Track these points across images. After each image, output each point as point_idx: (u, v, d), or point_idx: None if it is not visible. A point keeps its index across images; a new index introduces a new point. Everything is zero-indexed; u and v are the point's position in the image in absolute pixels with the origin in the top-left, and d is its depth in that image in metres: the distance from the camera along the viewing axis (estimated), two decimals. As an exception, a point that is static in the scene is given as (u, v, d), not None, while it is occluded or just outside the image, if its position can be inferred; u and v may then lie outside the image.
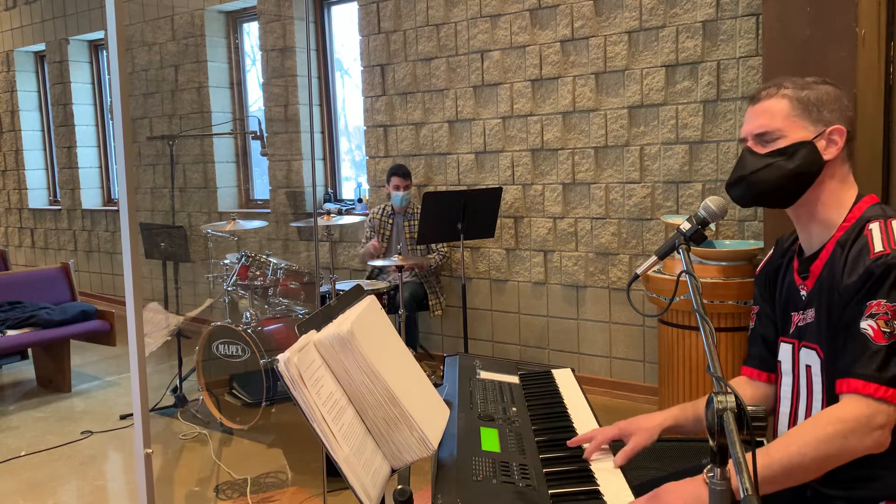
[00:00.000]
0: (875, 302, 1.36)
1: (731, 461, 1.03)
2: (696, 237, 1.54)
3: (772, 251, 1.72)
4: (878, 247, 1.39)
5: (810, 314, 1.51)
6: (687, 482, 1.32)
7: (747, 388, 1.72)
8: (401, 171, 4.66)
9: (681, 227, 1.54)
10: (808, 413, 1.52)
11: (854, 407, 1.34)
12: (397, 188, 4.64)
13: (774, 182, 1.51)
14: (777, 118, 1.50)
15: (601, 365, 4.41)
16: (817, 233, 1.53)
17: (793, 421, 1.57)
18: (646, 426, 1.59)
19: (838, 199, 1.51)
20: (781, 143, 1.50)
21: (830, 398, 1.45)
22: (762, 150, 1.52)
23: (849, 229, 1.47)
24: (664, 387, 3.52)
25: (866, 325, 1.36)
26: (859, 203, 1.51)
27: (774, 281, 1.66)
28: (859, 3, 2.80)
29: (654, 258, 1.57)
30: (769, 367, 1.68)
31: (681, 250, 1.50)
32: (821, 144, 1.49)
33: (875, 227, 1.42)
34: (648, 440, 1.56)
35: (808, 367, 1.52)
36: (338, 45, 5.82)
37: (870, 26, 2.85)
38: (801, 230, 1.58)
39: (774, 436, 1.64)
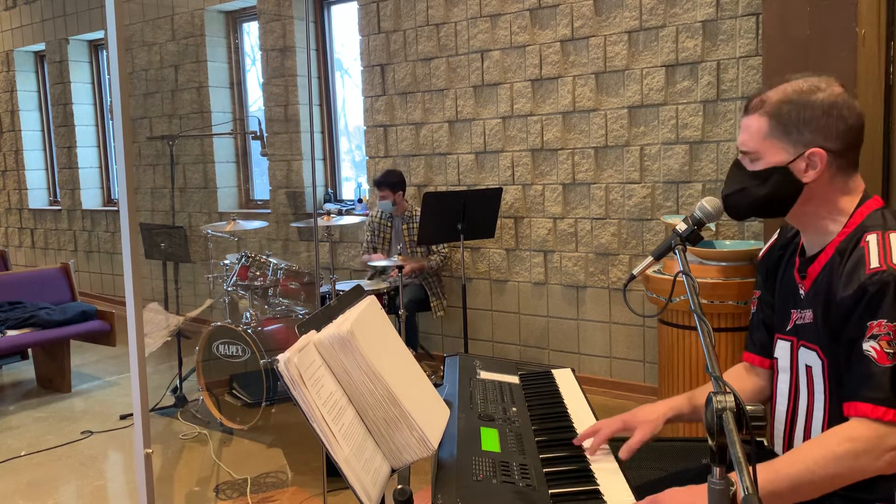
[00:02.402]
0: (876, 322, 1.33)
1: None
2: (692, 238, 1.54)
3: (775, 237, 1.69)
4: (873, 262, 1.35)
5: (808, 315, 1.50)
6: (690, 489, 1.31)
7: (748, 377, 1.71)
8: (376, 182, 4.67)
9: (677, 227, 1.54)
10: (809, 412, 1.51)
11: (864, 430, 1.33)
12: (380, 198, 4.66)
13: (750, 206, 1.51)
14: (755, 138, 1.47)
15: (601, 365, 4.41)
16: (815, 238, 1.51)
17: (790, 419, 1.57)
18: (649, 418, 1.59)
19: (835, 208, 1.47)
20: (759, 166, 1.47)
21: (833, 400, 1.45)
22: (747, 166, 1.50)
23: (848, 236, 1.44)
24: (664, 387, 3.52)
25: (869, 346, 1.34)
26: (861, 208, 1.46)
27: (776, 271, 1.64)
28: (859, 3, 2.80)
29: (650, 259, 1.57)
30: (770, 354, 1.66)
31: (677, 251, 1.50)
32: (799, 167, 1.44)
33: (872, 240, 1.38)
34: (652, 432, 1.57)
35: (809, 368, 1.50)
36: (338, 45, 5.82)
37: (870, 26, 2.85)
38: (801, 232, 1.57)
39: (770, 432, 1.64)
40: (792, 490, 1.31)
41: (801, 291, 1.53)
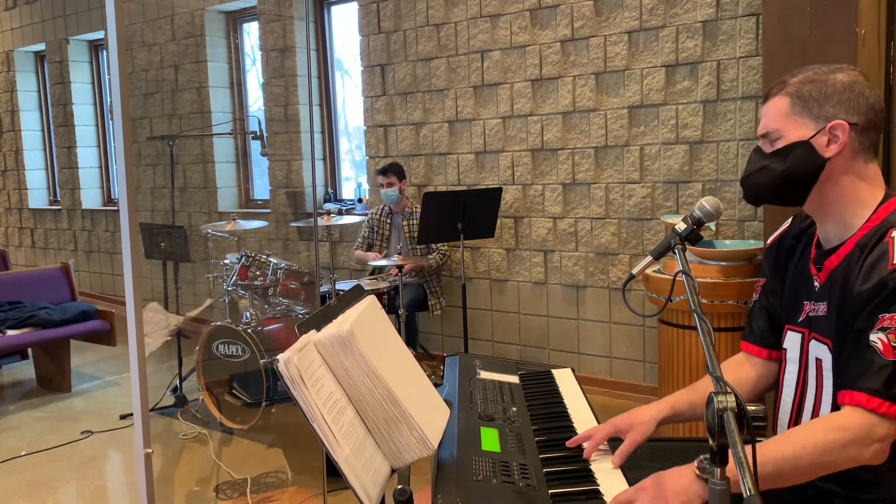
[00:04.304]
0: (888, 315, 1.33)
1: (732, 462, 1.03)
2: (692, 237, 1.53)
3: (787, 225, 1.67)
4: None
5: (822, 308, 1.48)
6: (674, 472, 1.30)
7: (746, 367, 1.70)
8: (382, 170, 4.66)
9: (676, 227, 1.54)
10: (816, 405, 1.50)
11: (856, 418, 1.32)
12: (381, 186, 4.65)
13: (768, 185, 1.49)
14: (777, 118, 1.47)
15: (601, 365, 4.41)
16: (834, 230, 1.49)
17: (796, 410, 1.56)
18: (641, 420, 1.57)
19: (856, 197, 1.46)
20: (780, 144, 1.47)
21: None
22: (767, 150, 1.50)
23: (871, 231, 1.42)
24: (664, 387, 3.52)
25: (876, 338, 1.33)
26: (886, 204, 1.45)
27: (787, 260, 1.62)
28: (859, 3, 2.80)
29: (649, 258, 1.57)
30: (770, 344, 1.65)
31: (676, 250, 1.50)
32: (821, 141, 1.44)
33: None
34: (644, 435, 1.55)
35: (819, 361, 1.49)
36: (338, 45, 5.82)
37: (870, 26, 2.85)
38: (818, 225, 1.55)
39: (774, 423, 1.63)
40: (777, 474, 1.31)
41: (816, 284, 1.51)
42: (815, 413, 1.50)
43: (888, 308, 1.33)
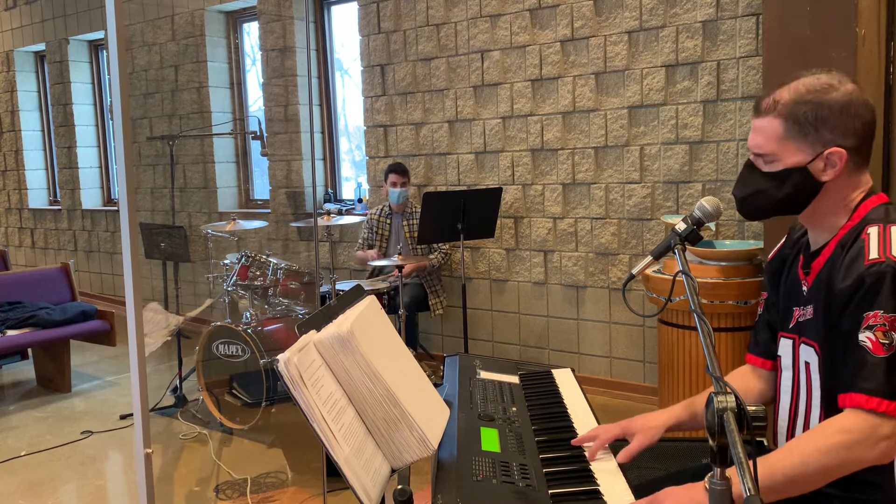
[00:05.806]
0: (872, 313, 1.33)
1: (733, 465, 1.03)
2: (692, 237, 1.54)
3: (784, 239, 1.69)
4: (872, 254, 1.36)
5: (809, 310, 1.50)
6: (688, 487, 1.31)
7: (751, 378, 1.71)
8: (398, 168, 4.65)
9: (676, 227, 1.54)
10: (808, 409, 1.51)
11: (857, 420, 1.33)
12: (394, 185, 4.63)
13: (766, 207, 1.51)
14: (771, 141, 1.45)
15: (601, 365, 4.41)
16: (821, 234, 1.52)
17: (793, 416, 1.57)
18: (649, 425, 1.59)
19: (844, 203, 1.48)
20: (776, 167, 1.46)
21: (828, 396, 1.45)
22: (762, 168, 1.49)
23: (851, 229, 1.44)
24: (664, 387, 3.52)
25: (864, 337, 1.34)
26: (865, 202, 1.46)
27: (782, 272, 1.64)
28: (859, 3, 2.80)
29: (649, 258, 1.57)
30: (773, 356, 1.66)
31: (676, 250, 1.50)
32: (817, 166, 1.44)
33: (873, 232, 1.38)
34: (653, 440, 1.57)
35: (808, 364, 1.51)
36: (338, 45, 5.82)
37: (870, 26, 2.85)
38: (808, 229, 1.57)
39: (774, 429, 1.64)
40: (788, 483, 1.32)
41: (804, 287, 1.53)
42: (808, 416, 1.51)
43: (871, 305, 1.34)
